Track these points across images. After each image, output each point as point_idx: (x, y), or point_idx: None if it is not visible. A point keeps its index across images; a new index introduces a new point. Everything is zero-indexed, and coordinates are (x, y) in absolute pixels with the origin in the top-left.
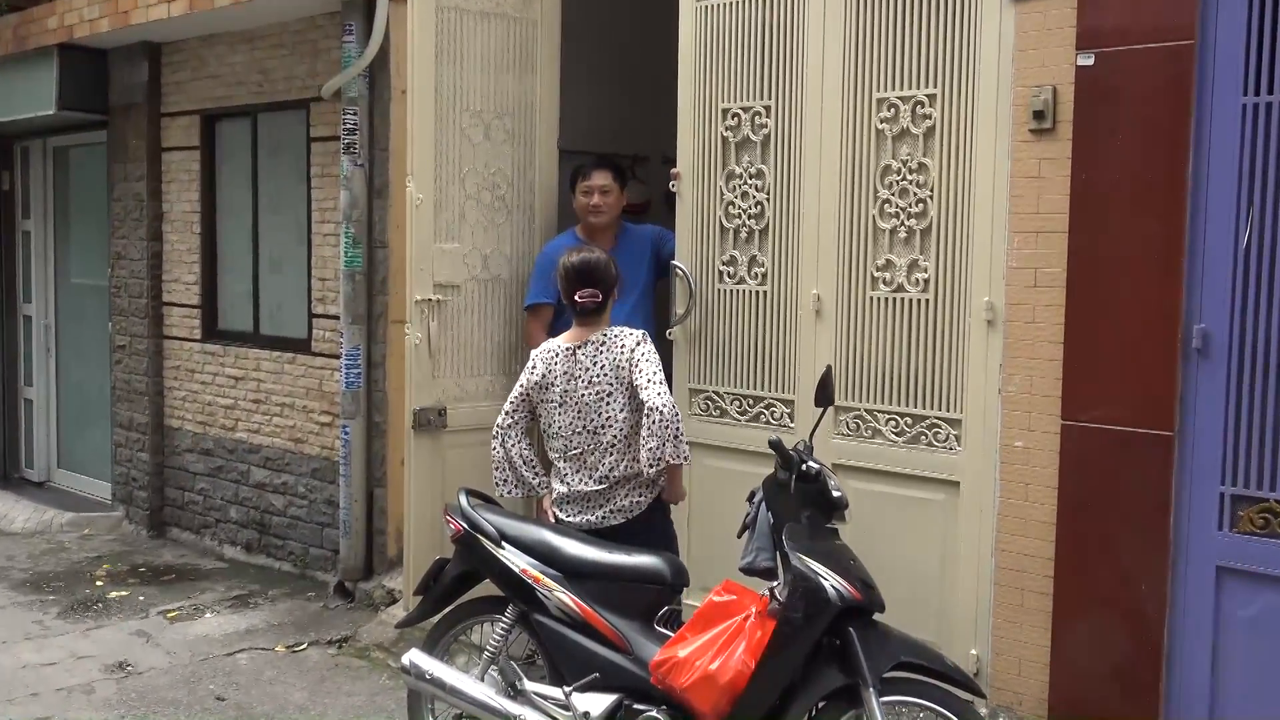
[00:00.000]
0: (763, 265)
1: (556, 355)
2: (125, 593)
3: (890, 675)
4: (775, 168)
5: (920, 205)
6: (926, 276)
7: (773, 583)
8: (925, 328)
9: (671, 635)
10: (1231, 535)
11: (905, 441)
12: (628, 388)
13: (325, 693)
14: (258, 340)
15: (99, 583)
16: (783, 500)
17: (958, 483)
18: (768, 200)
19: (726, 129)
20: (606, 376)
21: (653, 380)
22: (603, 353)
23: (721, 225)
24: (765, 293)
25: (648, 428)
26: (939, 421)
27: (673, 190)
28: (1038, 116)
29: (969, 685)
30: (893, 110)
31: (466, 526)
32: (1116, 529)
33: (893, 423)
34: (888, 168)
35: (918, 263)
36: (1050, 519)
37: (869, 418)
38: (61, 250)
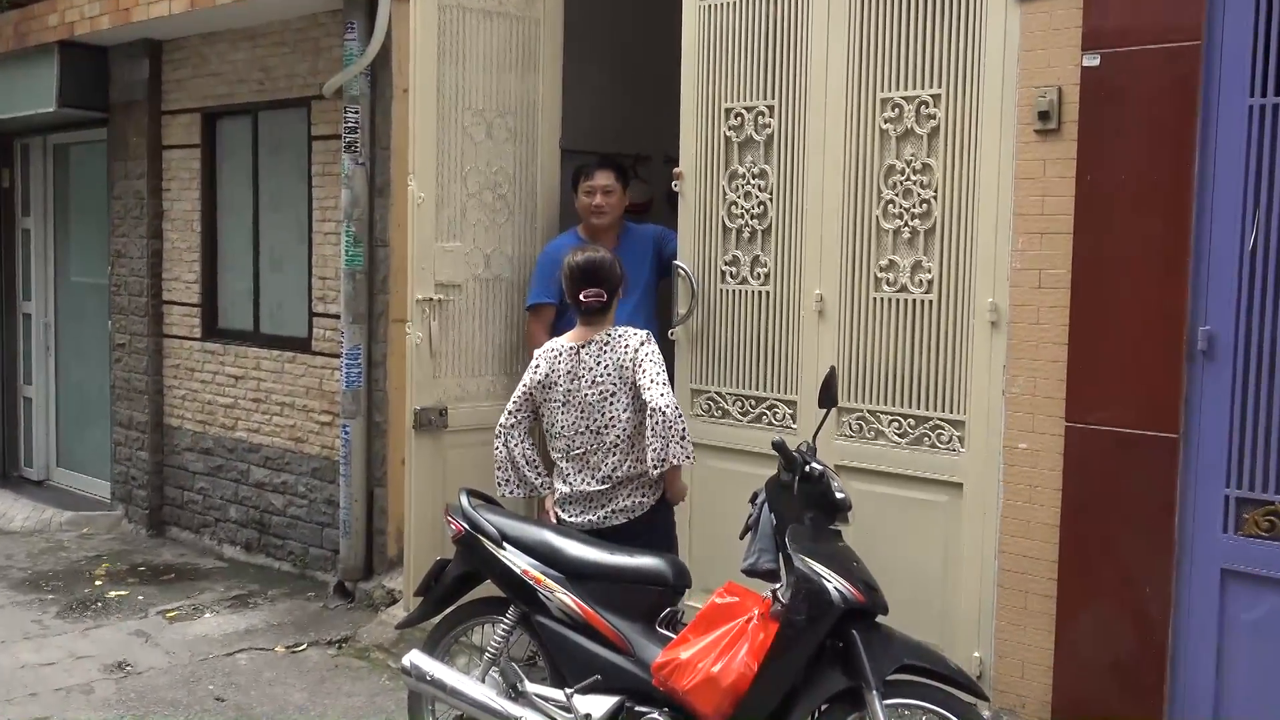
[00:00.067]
0: (765, 265)
1: (560, 355)
2: (124, 592)
3: (893, 678)
4: (778, 167)
5: (924, 206)
6: (930, 277)
7: (775, 585)
8: (929, 329)
9: (673, 637)
10: (1236, 538)
11: (908, 443)
12: (631, 388)
13: (325, 693)
14: (258, 339)
15: (98, 582)
16: (785, 502)
17: (961, 484)
18: (770, 200)
19: (729, 128)
20: (610, 376)
21: (656, 381)
22: (606, 353)
23: (724, 225)
24: (768, 293)
25: (652, 429)
26: (942, 423)
27: (675, 190)
28: (1043, 117)
29: (972, 688)
30: (897, 110)
31: (467, 527)
32: (1120, 531)
33: (895, 424)
34: (891, 168)
35: (921, 263)
36: (1054, 521)
37: (872, 419)
38: (61, 248)
